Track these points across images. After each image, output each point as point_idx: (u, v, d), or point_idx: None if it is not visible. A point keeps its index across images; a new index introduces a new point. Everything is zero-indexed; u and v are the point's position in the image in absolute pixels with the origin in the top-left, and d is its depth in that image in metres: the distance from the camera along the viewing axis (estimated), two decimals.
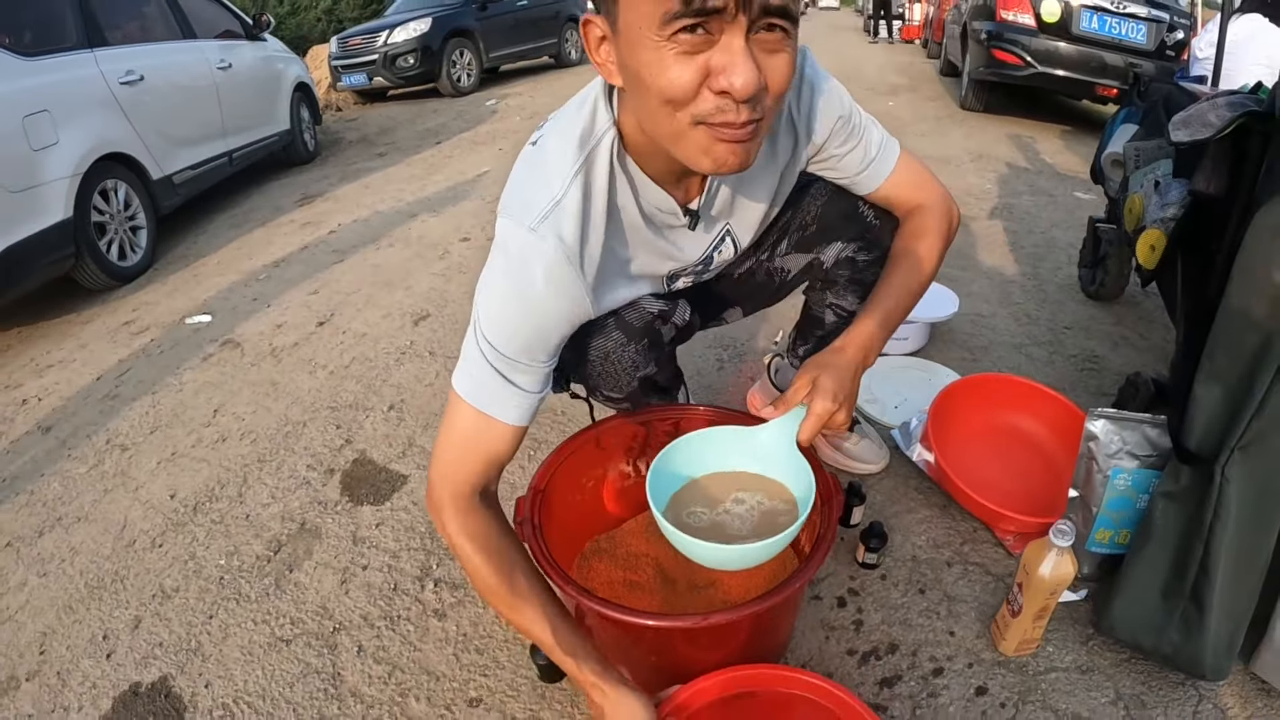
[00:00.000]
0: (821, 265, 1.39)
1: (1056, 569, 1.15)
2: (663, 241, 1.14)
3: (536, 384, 1.05)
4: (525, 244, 0.97)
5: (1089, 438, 1.30)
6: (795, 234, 1.38)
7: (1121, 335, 2.41)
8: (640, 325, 1.19)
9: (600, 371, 1.21)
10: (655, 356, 1.24)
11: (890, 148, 1.23)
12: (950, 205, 1.26)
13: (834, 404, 1.04)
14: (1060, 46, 5.52)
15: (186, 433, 2.26)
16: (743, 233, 1.25)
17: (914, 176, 1.25)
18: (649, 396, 1.33)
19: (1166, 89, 2.14)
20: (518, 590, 1.04)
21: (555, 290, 0.99)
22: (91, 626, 1.58)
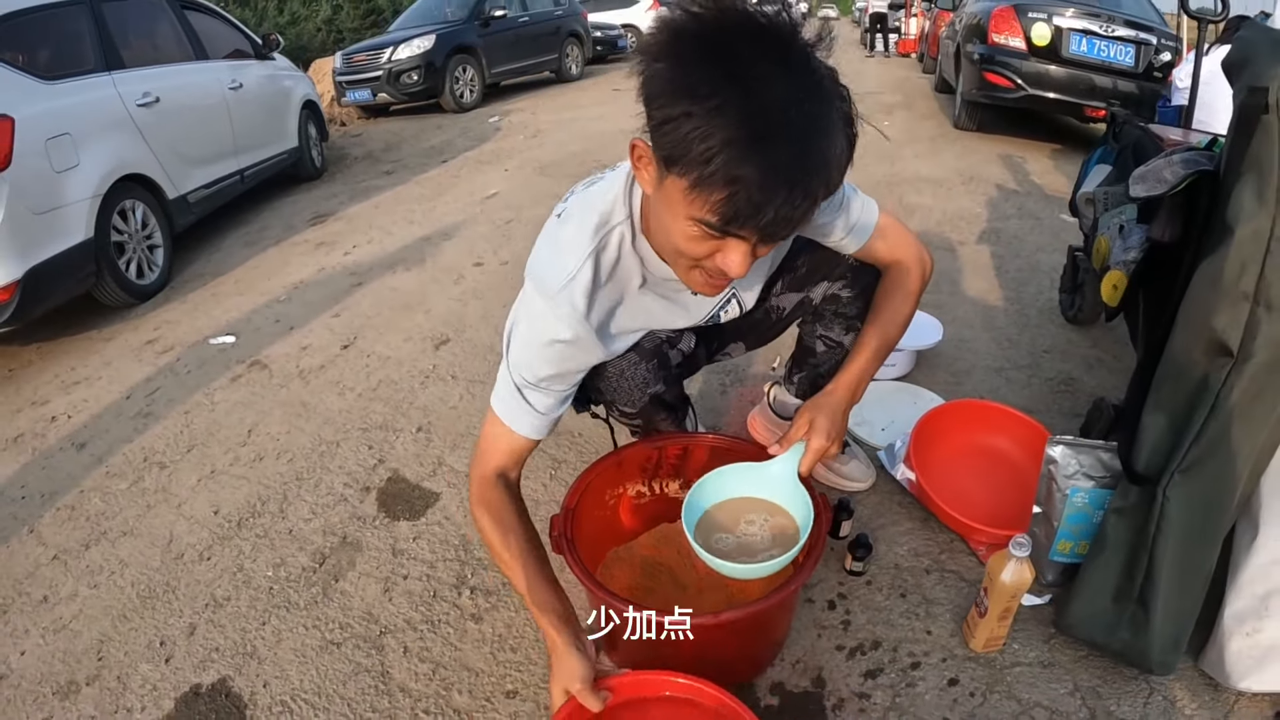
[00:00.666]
0: (811, 302, 1.58)
1: (1016, 575, 1.32)
2: (671, 305, 1.38)
3: (550, 408, 1.29)
4: (545, 308, 1.20)
5: (1049, 461, 1.47)
6: (788, 276, 1.58)
7: (1097, 358, 2.55)
8: (650, 348, 1.42)
9: (615, 387, 1.41)
10: (664, 376, 1.45)
11: (869, 213, 1.41)
12: (923, 257, 1.45)
13: (827, 441, 1.29)
14: (1050, 69, 5.66)
15: (223, 451, 2.39)
16: (748, 296, 1.47)
17: (891, 236, 1.44)
18: (658, 413, 1.52)
19: (1137, 134, 2.30)
20: (510, 549, 1.25)
21: (568, 342, 1.22)
22: (147, 633, 1.70)
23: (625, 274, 1.26)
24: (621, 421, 1.59)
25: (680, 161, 0.89)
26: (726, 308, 1.46)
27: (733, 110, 0.85)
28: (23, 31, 3.59)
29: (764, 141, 0.86)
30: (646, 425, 1.59)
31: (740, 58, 0.87)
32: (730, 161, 0.86)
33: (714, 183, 0.88)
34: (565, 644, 1.17)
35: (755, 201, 0.89)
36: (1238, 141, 1.20)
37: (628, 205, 1.20)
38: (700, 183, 0.89)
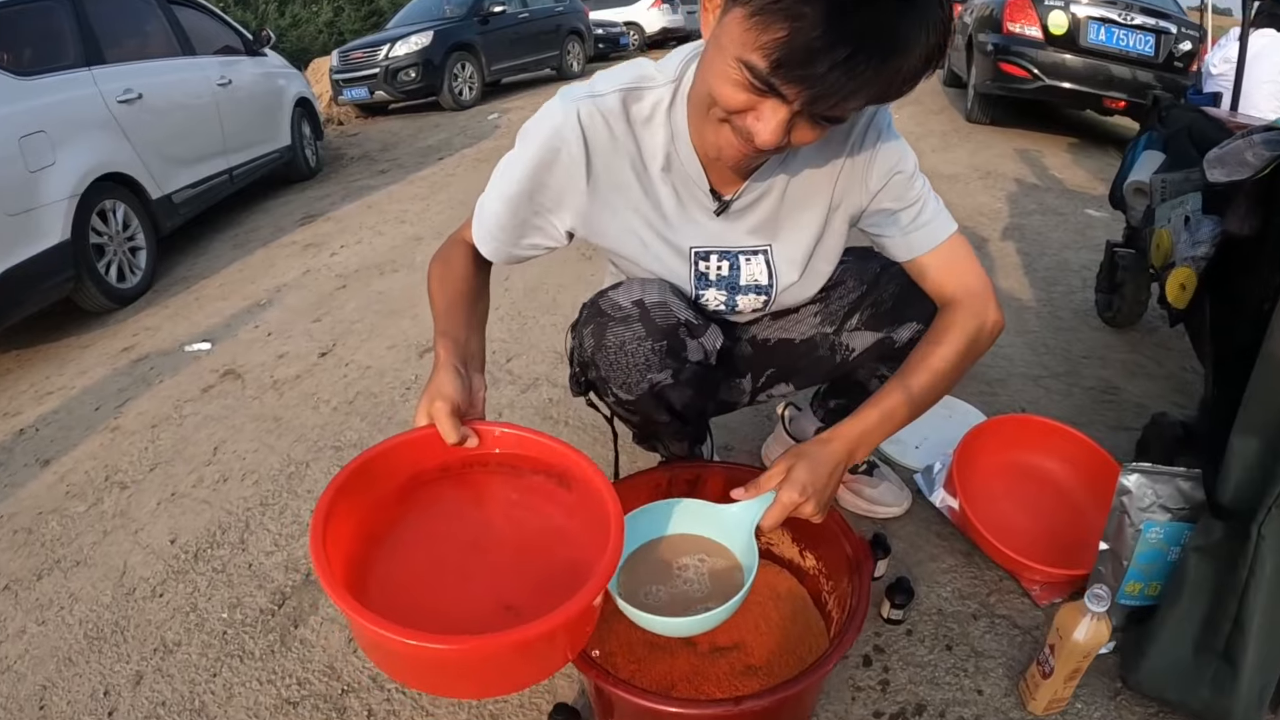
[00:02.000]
0: (893, 344, 1.32)
1: (1091, 634, 1.11)
2: (684, 210, 1.17)
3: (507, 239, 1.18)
4: (556, 105, 1.08)
5: (1122, 492, 1.26)
6: (868, 310, 1.33)
7: (1138, 364, 2.38)
8: (663, 325, 1.16)
9: (613, 361, 1.19)
10: (673, 368, 1.20)
11: (943, 222, 1.18)
12: (988, 306, 1.16)
13: (800, 496, 1.05)
14: (1067, 59, 5.52)
15: (188, 471, 2.21)
16: (783, 263, 1.23)
17: (958, 262, 1.19)
18: (660, 413, 1.29)
19: (1190, 116, 2.11)
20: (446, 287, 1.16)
21: (557, 149, 1.08)
22: (92, 681, 1.53)
23: (650, 140, 1.11)
24: (620, 415, 1.37)
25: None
26: (751, 259, 1.22)
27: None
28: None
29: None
30: (647, 428, 1.38)
31: None
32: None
33: (775, 15, 0.76)
34: (446, 361, 1.03)
35: (813, 48, 0.76)
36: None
37: (678, 72, 1.08)
38: (761, 11, 0.77)
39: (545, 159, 1.09)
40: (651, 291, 1.17)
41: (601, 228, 1.17)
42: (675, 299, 1.18)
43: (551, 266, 3.44)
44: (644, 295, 1.16)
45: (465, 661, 0.82)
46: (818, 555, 1.34)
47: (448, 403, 0.97)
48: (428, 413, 0.98)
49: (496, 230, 1.17)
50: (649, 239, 1.19)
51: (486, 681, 0.89)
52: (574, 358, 1.29)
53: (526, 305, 3.12)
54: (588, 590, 0.83)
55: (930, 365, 1.13)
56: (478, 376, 1.07)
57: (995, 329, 1.18)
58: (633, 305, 1.16)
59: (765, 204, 1.17)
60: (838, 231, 1.23)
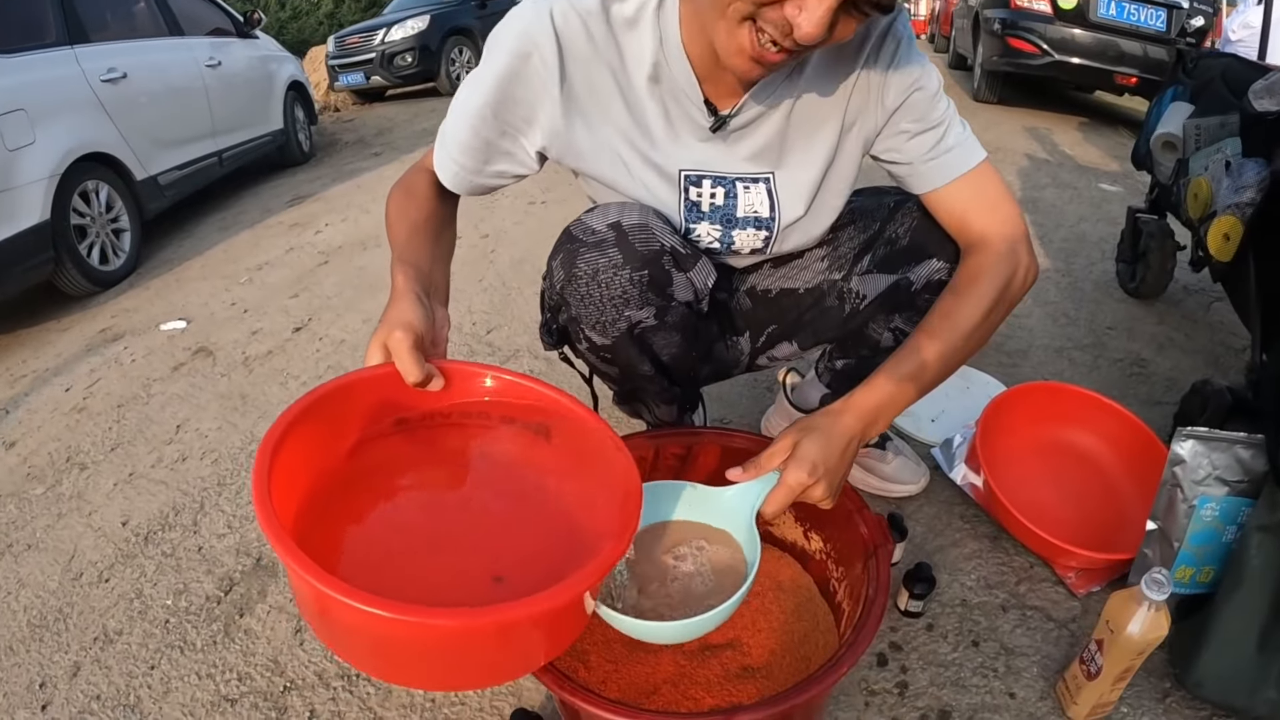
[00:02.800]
0: (909, 286, 1.14)
1: (1148, 627, 0.94)
2: (669, 126, 1.01)
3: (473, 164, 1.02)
4: (523, 7, 0.94)
5: (1175, 461, 1.09)
6: (881, 249, 1.16)
7: (1166, 336, 2.22)
8: (643, 251, 0.99)
9: (585, 294, 1.02)
10: (656, 306, 1.03)
11: (971, 149, 1.02)
12: (1020, 248, 1.00)
13: (810, 478, 0.88)
14: (1077, 34, 5.37)
15: (148, 450, 2.08)
16: (787, 193, 1.06)
17: (988, 195, 1.02)
18: (642, 364, 1.12)
19: (1223, 62, 1.94)
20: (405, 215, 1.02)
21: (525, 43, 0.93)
22: (30, 672, 1.41)
23: (635, 47, 0.96)
24: (596, 368, 1.19)
25: None
26: (750, 186, 1.05)
27: None
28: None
29: None
30: (627, 382, 1.20)
31: None
32: None
33: None
34: (406, 288, 0.87)
35: None
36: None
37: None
38: None
39: (513, 67, 0.94)
40: (631, 214, 1.00)
41: (577, 147, 1.01)
42: (659, 222, 1.02)
43: (540, 238, 3.29)
44: (622, 218, 0.99)
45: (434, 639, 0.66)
46: (825, 537, 1.16)
47: (409, 334, 0.80)
48: (384, 345, 0.81)
49: (458, 154, 1.01)
50: (631, 160, 1.02)
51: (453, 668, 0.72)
52: (545, 301, 1.13)
53: (512, 277, 2.97)
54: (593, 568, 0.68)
55: (956, 320, 0.96)
56: (441, 310, 0.91)
57: (1029, 276, 1.01)
58: (608, 228, 0.99)
59: (768, 125, 1.01)
60: (850, 158, 1.06)
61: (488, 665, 0.72)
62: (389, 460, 0.84)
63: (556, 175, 4.24)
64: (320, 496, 0.77)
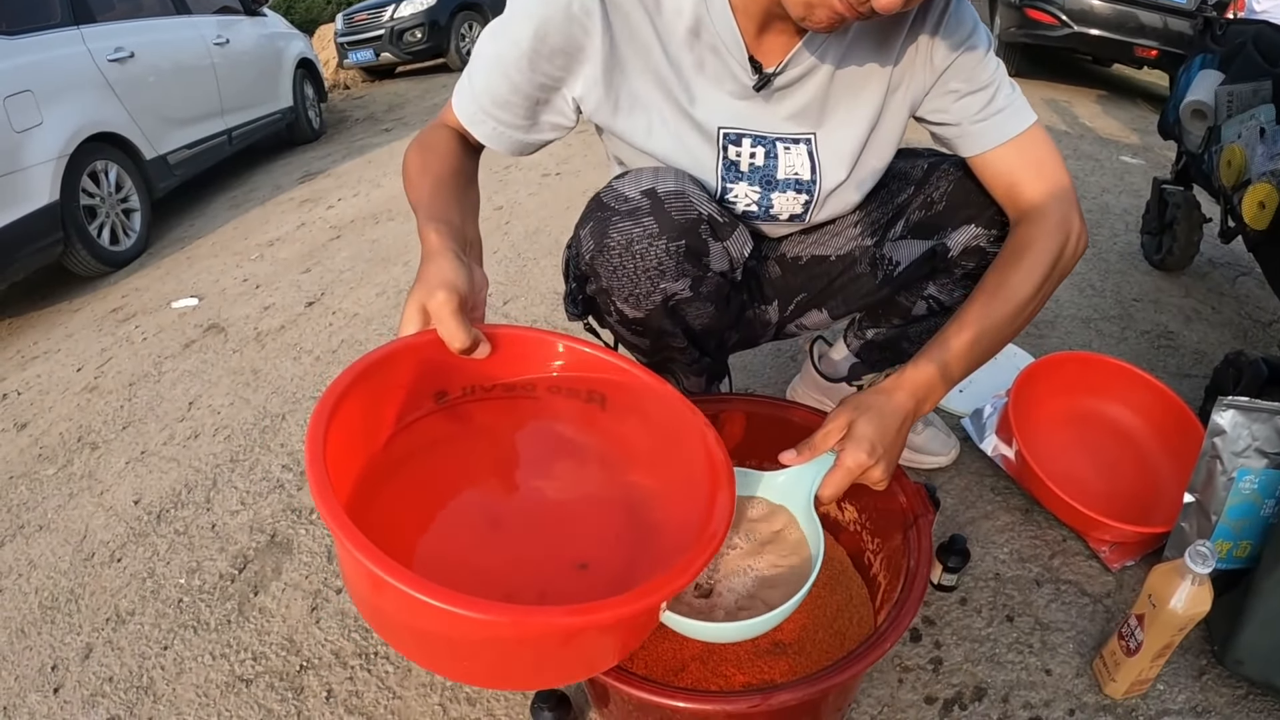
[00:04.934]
0: (945, 253, 1.10)
1: (1191, 601, 0.90)
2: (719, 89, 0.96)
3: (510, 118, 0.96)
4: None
5: (1215, 432, 1.05)
6: (917, 213, 1.11)
7: (1193, 309, 2.17)
8: (680, 221, 0.94)
9: (618, 266, 0.97)
10: (692, 277, 0.99)
11: (1021, 113, 0.97)
12: (1072, 215, 0.96)
13: (869, 458, 0.84)
14: (1096, 5, 5.25)
15: (159, 428, 2.06)
16: (829, 156, 1.01)
17: (1038, 159, 0.98)
18: (677, 339, 1.08)
19: (1255, 27, 1.87)
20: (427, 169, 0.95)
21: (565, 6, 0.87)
22: (42, 654, 1.39)
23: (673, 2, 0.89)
24: (625, 339, 1.15)
25: None
26: (791, 147, 1.00)
27: None
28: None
29: None
30: (658, 354, 1.16)
31: None
32: None
33: None
34: (442, 245, 0.79)
35: None
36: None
37: None
38: None
39: (549, 13, 0.87)
40: (666, 180, 0.94)
41: (615, 99, 0.95)
42: (695, 189, 0.96)
43: (555, 210, 3.24)
44: (656, 184, 0.94)
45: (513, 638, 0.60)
46: (860, 507, 1.12)
47: (452, 295, 0.73)
48: (423, 309, 0.74)
49: (495, 109, 0.95)
50: (670, 116, 0.97)
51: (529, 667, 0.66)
52: (569, 270, 1.08)
53: (527, 248, 2.93)
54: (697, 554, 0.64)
55: (1008, 294, 0.92)
56: (479, 269, 0.82)
57: (1081, 244, 0.97)
58: (642, 195, 0.93)
59: (812, 84, 0.95)
60: (897, 119, 1.02)
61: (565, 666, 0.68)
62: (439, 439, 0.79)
63: (571, 146, 4.18)
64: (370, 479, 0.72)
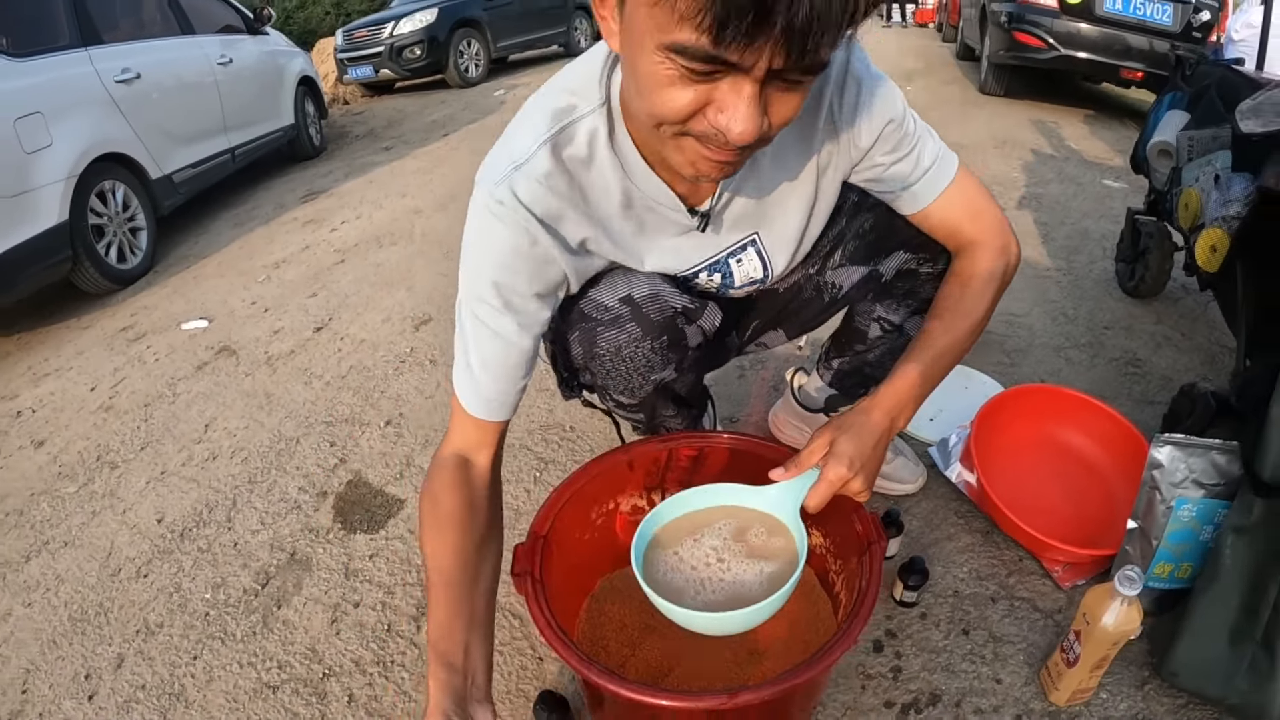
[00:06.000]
0: (880, 277, 1.22)
1: (1121, 620, 1.02)
2: (662, 238, 1.04)
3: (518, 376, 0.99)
4: (484, 204, 0.91)
5: (1154, 465, 1.17)
6: (851, 243, 1.22)
7: (1164, 335, 2.28)
8: (660, 320, 1.04)
9: (610, 369, 1.08)
10: (676, 360, 1.10)
11: (947, 163, 1.06)
12: (1009, 240, 1.08)
13: (849, 471, 0.93)
14: (1083, 28, 5.35)
15: (177, 449, 2.16)
16: (775, 248, 1.11)
17: (970, 201, 1.08)
18: (666, 408, 1.21)
19: (1219, 72, 1.99)
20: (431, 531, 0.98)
21: (515, 249, 0.92)
22: (74, 664, 1.49)
23: (600, 183, 0.94)
24: (619, 415, 1.28)
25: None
26: (740, 257, 1.10)
27: None
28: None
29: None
30: (651, 421, 1.28)
31: None
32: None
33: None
34: (436, 705, 0.84)
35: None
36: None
37: (604, 89, 0.89)
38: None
39: (508, 261, 0.93)
40: (639, 285, 1.04)
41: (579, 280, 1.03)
42: (666, 286, 1.06)
43: None
44: (632, 290, 1.03)
45: None
46: (825, 532, 1.24)
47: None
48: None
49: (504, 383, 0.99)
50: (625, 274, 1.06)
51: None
52: (556, 361, 1.17)
53: None
54: None
55: (961, 315, 1.04)
56: (481, 709, 0.89)
57: (1018, 261, 1.10)
58: (620, 303, 1.03)
59: (746, 195, 1.03)
60: (829, 195, 1.10)
61: None
62: None
63: None
64: None
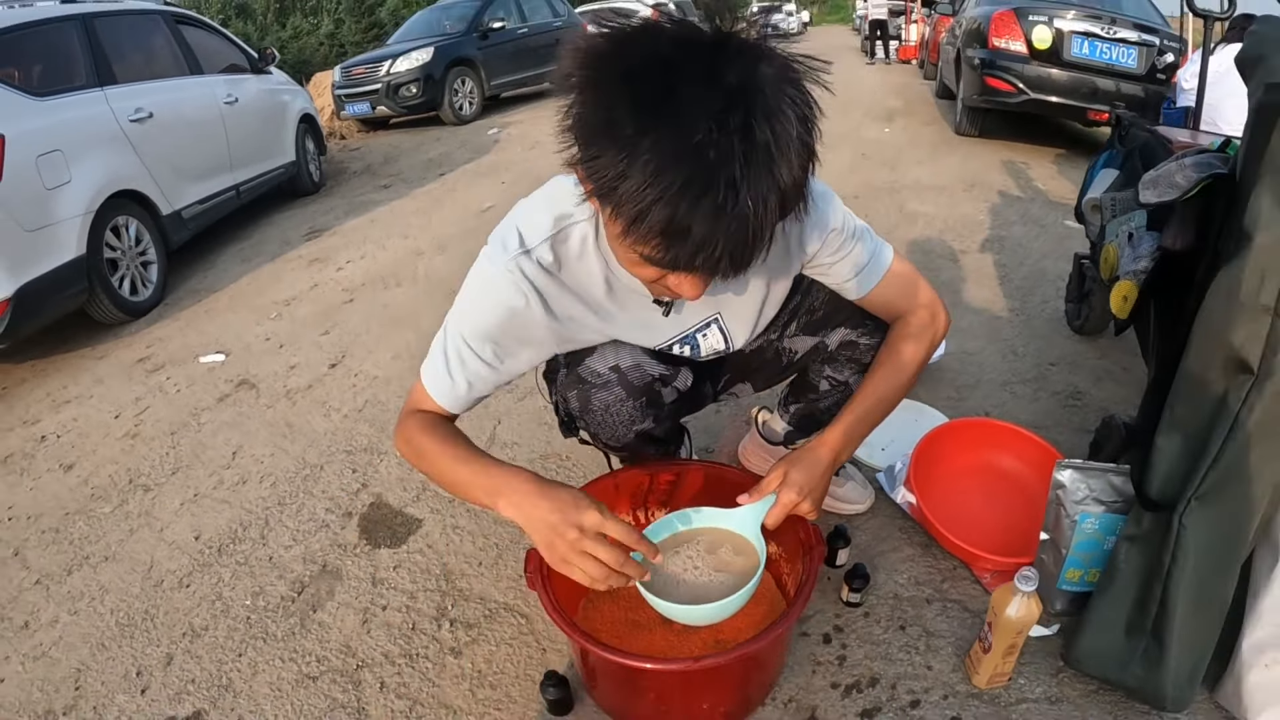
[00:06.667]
0: (826, 348, 1.48)
1: (1022, 611, 1.24)
2: (638, 315, 1.27)
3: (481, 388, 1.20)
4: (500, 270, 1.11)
5: (1057, 485, 1.39)
6: (804, 318, 1.48)
7: (1105, 370, 2.48)
8: (640, 385, 1.31)
9: (600, 421, 1.34)
10: (654, 414, 1.36)
11: (881, 257, 1.29)
12: (937, 312, 1.32)
13: (799, 496, 1.20)
14: (1052, 73, 5.62)
15: (207, 474, 2.34)
16: (735, 326, 1.36)
17: (902, 284, 1.32)
18: (647, 447, 1.45)
19: (1144, 137, 2.23)
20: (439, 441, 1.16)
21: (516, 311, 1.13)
22: (124, 663, 1.65)
23: (587, 274, 1.17)
24: (608, 450, 1.54)
25: (609, 203, 0.82)
26: (705, 333, 1.35)
27: (656, 150, 0.75)
28: (15, 48, 3.60)
29: (693, 185, 0.76)
30: (634, 457, 1.53)
31: (660, 82, 0.76)
32: (659, 210, 0.77)
33: (647, 232, 0.80)
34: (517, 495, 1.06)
35: (693, 249, 0.80)
36: (1255, 142, 1.12)
37: (594, 211, 1.11)
38: (632, 229, 0.81)
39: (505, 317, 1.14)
40: (625, 356, 1.30)
41: (568, 345, 1.29)
42: (646, 358, 1.33)
43: None
44: (619, 361, 1.30)
45: None
46: (779, 543, 1.49)
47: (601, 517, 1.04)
48: None
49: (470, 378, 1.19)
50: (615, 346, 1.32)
51: None
52: (559, 409, 1.44)
53: None
54: None
55: (894, 372, 1.29)
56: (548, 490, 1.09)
57: (945, 329, 1.35)
58: (610, 371, 1.30)
59: None
60: (782, 287, 1.37)
61: None
62: None
63: None
64: None
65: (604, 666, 1.28)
